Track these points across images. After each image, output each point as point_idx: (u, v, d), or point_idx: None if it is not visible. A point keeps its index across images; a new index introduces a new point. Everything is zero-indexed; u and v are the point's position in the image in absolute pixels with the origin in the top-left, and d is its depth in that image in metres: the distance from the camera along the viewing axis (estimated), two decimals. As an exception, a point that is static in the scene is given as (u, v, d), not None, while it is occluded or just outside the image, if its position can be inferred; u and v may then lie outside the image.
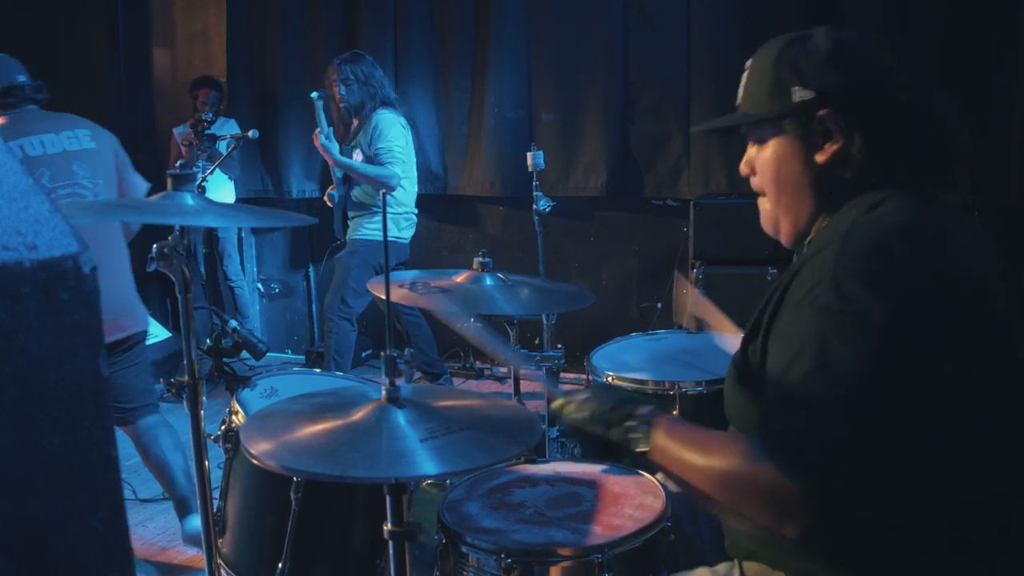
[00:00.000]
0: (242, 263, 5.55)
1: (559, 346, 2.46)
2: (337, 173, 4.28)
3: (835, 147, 1.23)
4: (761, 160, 1.33)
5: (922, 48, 3.90)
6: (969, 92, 3.88)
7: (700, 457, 1.14)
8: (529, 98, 4.81)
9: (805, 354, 1.07)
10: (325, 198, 4.43)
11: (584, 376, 2.35)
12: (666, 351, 2.45)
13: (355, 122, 4.25)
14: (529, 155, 2.72)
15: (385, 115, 4.15)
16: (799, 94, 1.24)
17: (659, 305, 4.68)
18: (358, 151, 4.19)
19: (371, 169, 4.09)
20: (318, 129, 4.14)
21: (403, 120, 4.25)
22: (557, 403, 1.35)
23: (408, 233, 4.35)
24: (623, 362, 2.35)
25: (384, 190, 4.11)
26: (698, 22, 4.35)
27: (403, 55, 5.04)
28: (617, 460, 1.28)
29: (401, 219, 4.28)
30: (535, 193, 2.72)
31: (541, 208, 2.72)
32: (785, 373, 1.09)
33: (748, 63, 1.36)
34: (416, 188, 4.38)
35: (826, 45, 1.25)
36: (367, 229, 4.23)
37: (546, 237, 2.78)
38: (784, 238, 1.35)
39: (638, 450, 1.22)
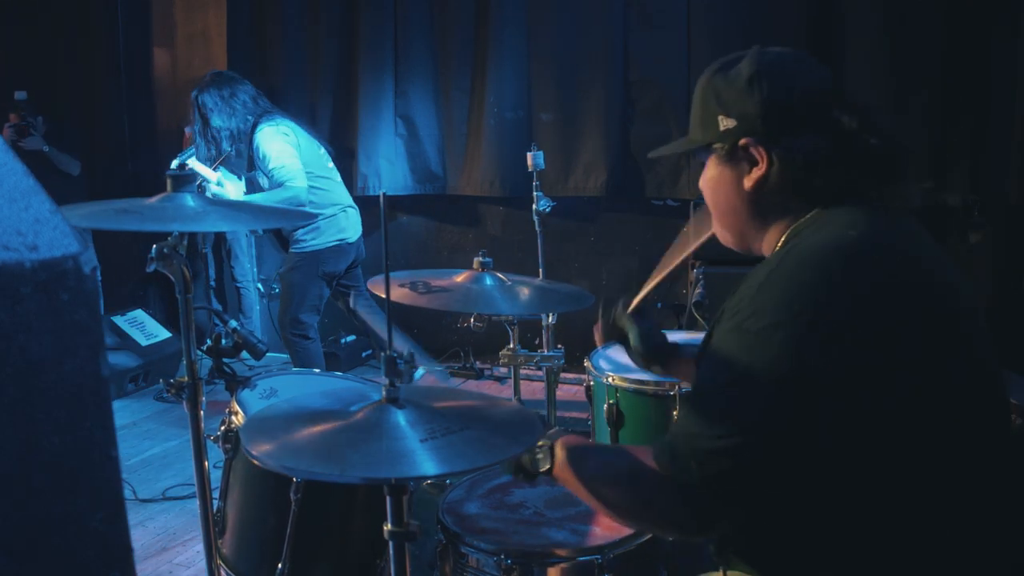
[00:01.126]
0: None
1: (559, 346, 2.47)
2: (263, 185, 3.98)
3: (758, 173, 1.24)
4: (703, 182, 1.36)
5: (922, 48, 3.90)
6: (969, 92, 3.88)
7: (596, 466, 1.22)
8: (529, 98, 4.81)
9: (712, 366, 1.12)
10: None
11: (584, 376, 2.35)
12: (666, 351, 2.44)
13: (239, 153, 3.95)
14: (529, 155, 2.71)
15: (262, 132, 3.84)
16: (724, 123, 1.26)
17: (659, 305, 4.68)
18: (262, 177, 3.91)
19: (275, 197, 3.75)
20: (201, 183, 3.80)
21: (282, 126, 3.89)
22: None
23: (351, 233, 4.07)
24: (623, 362, 2.35)
25: (300, 205, 3.80)
26: (698, 22, 4.35)
27: (403, 55, 5.04)
28: (527, 480, 1.36)
29: (332, 222, 4.00)
30: (535, 193, 2.72)
31: (541, 208, 2.72)
32: (698, 386, 1.15)
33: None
34: (337, 179, 4.10)
35: (747, 71, 1.25)
36: (304, 240, 3.97)
37: (546, 237, 2.77)
38: (735, 248, 1.38)
39: (542, 469, 1.29)
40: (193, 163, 3.88)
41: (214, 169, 4.23)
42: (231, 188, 4.04)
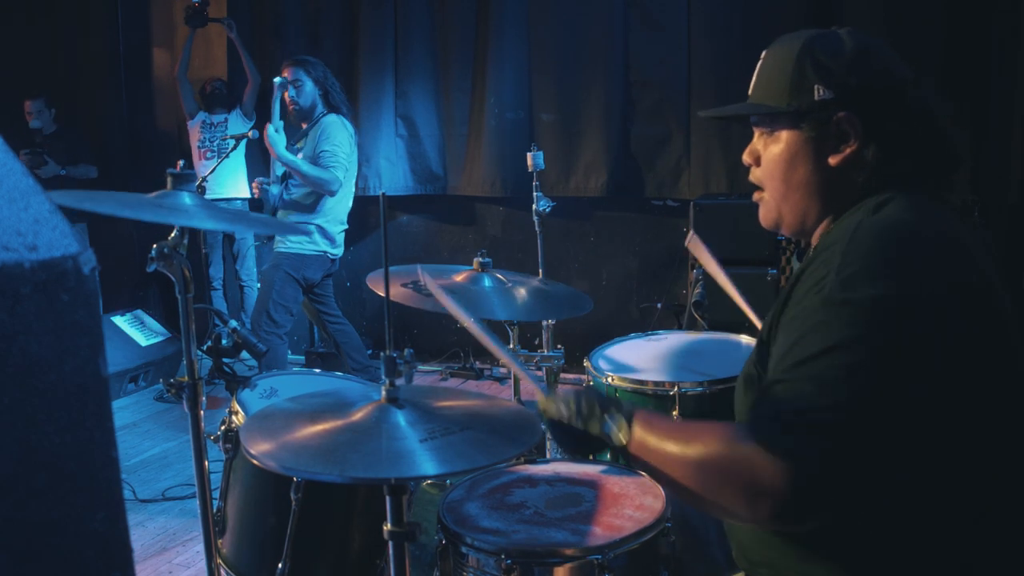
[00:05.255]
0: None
1: (559, 347, 2.46)
2: (277, 170, 4.08)
3: (849, 150, 1.23)
4: (769, 155, 1.31)
5: (922, 48, 3.90)
6: (969, 92, 3.88)
7: (679, 445, 1.13)
8: (529, 98, 4.81)
9: (805, 341, 1.07)
10: (255, 186, 4.15)
11: (584, 376, 2.35)
12: (666, 351, 2.45)
13: (303, 125, 4.09)
14: (529, 155, 2.71)
15: (333, 119, 4.02)
16: (820, 92, 1.23)
17: (659, 305, 4.68)
18: (301, 154, 4.01)
19: (312, 169, 3.90)
20: (269, 122, 3.96)
21: (351, 128, 4.10)
22: (543, 401, 1.31)
23: (339, 251, 4.17)
24: (623, 362, 2.35)
25: (324, 193, 3.97)
26: (698, 22, 4.36)
27: (403, 55, 5.04)
28: (594, 452, 1.26)
29: (330, 235, 4.09)
30: (535, 193, 2.72)
31: (541, 208, 2.72)
32: (783, 358, 1.09)
33: (764, 53, 1.34)
34: (351, 203, 4.19)
35: (852, 47, 1.24)
36: (292, 242, 4.05)
37: (546, 237, 2.77)
38: (786, 231, 1.35)
39: (617, 443, 1.19)
40: (278, 99, 4.03)
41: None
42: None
